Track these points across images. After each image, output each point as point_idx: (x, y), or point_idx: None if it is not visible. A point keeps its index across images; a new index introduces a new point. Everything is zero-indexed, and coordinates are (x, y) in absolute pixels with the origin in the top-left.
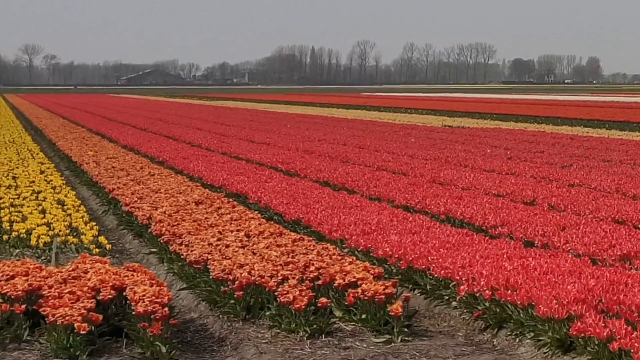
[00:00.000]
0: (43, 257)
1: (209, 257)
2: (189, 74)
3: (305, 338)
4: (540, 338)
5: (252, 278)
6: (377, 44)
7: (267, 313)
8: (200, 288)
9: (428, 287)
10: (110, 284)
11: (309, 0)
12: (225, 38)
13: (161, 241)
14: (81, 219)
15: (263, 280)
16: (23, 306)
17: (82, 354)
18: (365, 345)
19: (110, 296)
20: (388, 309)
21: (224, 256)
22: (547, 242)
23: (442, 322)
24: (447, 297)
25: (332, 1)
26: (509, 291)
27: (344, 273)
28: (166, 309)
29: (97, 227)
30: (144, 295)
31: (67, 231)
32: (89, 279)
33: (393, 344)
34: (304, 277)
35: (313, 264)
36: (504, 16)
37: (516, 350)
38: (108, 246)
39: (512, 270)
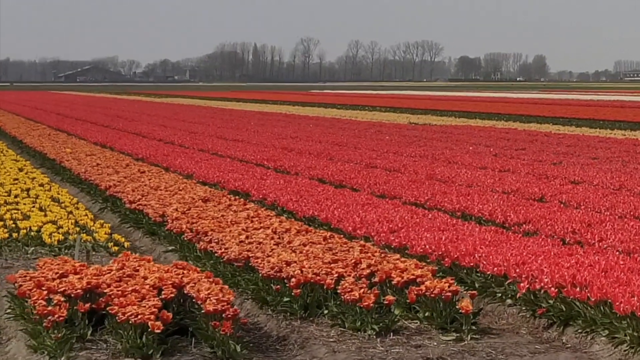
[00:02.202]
0: (62, 255)
1: (250, 254)
2: (129, 70)
3: (374, 336)
4: (616, 336)
5: (309, 276)
6: (321, 41)
7: (326, 311)
8: (242, 286)
9: (477, 285)
10: (170, 282)
11: None
12: (166, 35)
13: (184, 239)
14: (85, 217)
15: (319, 278)
16: (87, 305)
17: (155, 352)
18: (435, 344)
19: (172, 294)
20: (457, 307)
21: (265, 254)
22: (579, 239)
23: (500, 320)
24: (500, 295)
25: None
26: (578, 288)
27: (400, 270)
28: (235, 307)
29: (109, 225)
30: (209, 294)
31: (77, 229)
32: (144, 277)
33: (464, 342)
34: (359, 275)
35: (363, 262)
36: (451, 14)
37: (590, 348)
38: (126, 244)
39: (570, 267)
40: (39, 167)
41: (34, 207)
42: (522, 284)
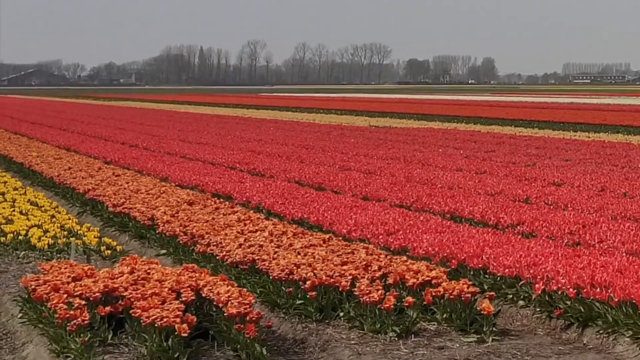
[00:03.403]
0: (54, 259)
1: (256, 257)
2: (74, 74)
3: (395, 338)
4: None
5: (324, 278)
6: (268, 43)
7: (341, 314)
8: (248, 289)
9: (486, 287)
10: (187, 284)
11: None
12: (111, 37)
13: (180, 242)
14: (69, 220)
15: (333, 280)
16: (107, 308)
17: (182, 356)
18: (457, 345)
19: (192, 297)
20: (478, 308)
21: (271, 256)
22: (578, 240)
23: (515, 322)
24: (511, 296)
25: (221, 0)
26: (598, 289)
27: (413, 272)
28: (258, 310)
29: (97, 229)
30: (229, 297)
31: (65, 232)
32: (159, 281)
33: (487, 344)
34: (372, 277)
35: (374, 264)
36: (399, 16)
37: (613, 349)
38: (119, 247)
39: (584, 268)
40: (6, 171)
41: (13, 211)
42: (537, 285)
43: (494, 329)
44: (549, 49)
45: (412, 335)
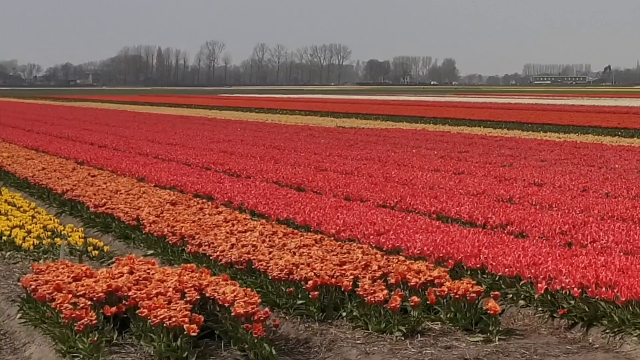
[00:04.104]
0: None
1: (252, 257)
2: (29, 75)
3: (402, 338)
4: None
5: (326, 278)
6: (226, 44)
7: (344, 313)
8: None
9: (484, 287)
10: (190, 284)
11: (155, 0)
12: (68, 38)
13: (169, 242)
14: (51, 221)
15: (335, 280)
16: (114, 308)
17: (190, 355)
18: (464, 345)
19: (197, 297)
20: (484, 308)
21: (267, 256)
22: (570, 240)
23: (517, 321)
24: (511, 296)
25: (179, 1)
26: (603, 288)
27: (414, 272)
28: (266, 309)
29: (82, 229)
30: (235, 297)
31: (49, 233)
32: (161, 281)
33: (494, 343)
34: (373, 277)
35: (373, 263)
36: (359, 17)
37: (620, 348)
38: (106, 248)
39: (586, 268)
40: None
41: None
42: (539, 285)
43: (500, 328)
44: (509, 50)
45: (418, 335)
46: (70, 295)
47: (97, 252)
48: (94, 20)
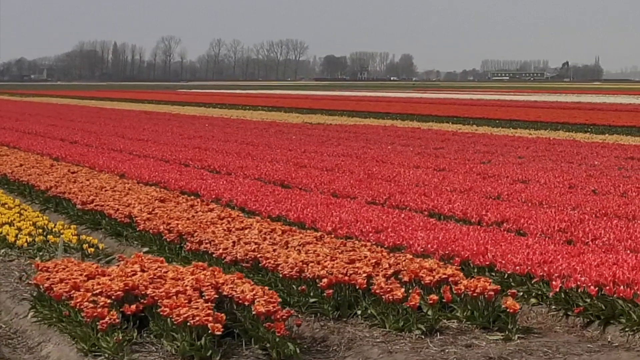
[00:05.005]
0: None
1: (258, 255)
2: None
3: (422, 337)
4: None
5: (339, 276)
6: (182, 39)
7: (359, 312)
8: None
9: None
10: (207, 283)
11: None
12: (22, 32)
13: (167, 239)
14: (38, 218)
15: (348, 278)
16: (133, 306)
17: (215, 354)
18: (485, 343)
19: (216, 296)
20: (503, 306)
21: (274, 254)
22: (570, 238)
23: (530, 319)
24: (522, 294)
25: None
26: (621, 287)
27: (427, 270)
28: (287, 308)
29: (75, 227)
30: (254, 295)
31: (40, 230)
32: (175, 279)
33: (514, 341)
34: (385, 275)
35: (383, 261)
36: (316, 13)
37: None
38: (101, 245)
39: (599, 265)
40: None
41: None
42: (554, 283)
43: (518, 326)
44: (467, 46)
45: (437, 334)
46: (89, 294)
47: (92, 249)
48: (48, 15)
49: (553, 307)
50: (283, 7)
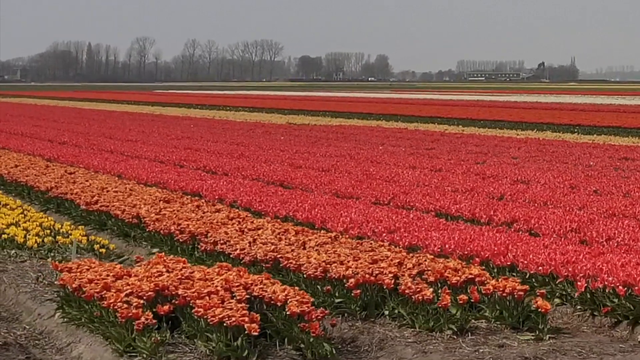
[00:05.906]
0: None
1: (278, 255)
2: None
3: (454, 337)
4: None
5: (366, 276)
6: (157, 40)
7: (386, 312)
8: None
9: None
10: (237, 283)
11: None
12: None
13: (179, 240)
14: (43, 219)
15: (374, 278)
16: (166, 307)
17: (251, 355)
18: (516, 344)
19: (247, 296)
20: (534, 306)
21: (294, 254)
22: (584, 238)
23: (555, 319)
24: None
25: None
26: None
27: (452, 270)
28: (322, 308)
29: (83, 227)
30: (286, 296)
31: (48, 231)
32: (202, 279)
33: (546, 341)
34: (411, 275)
35: (407, 261)
36: (290, 13)
37: None
38: (112, 246)
39: (624, 266)
40: None
41: None
42: (579, 283)
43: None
44: (443, 46)
45: (468, 334)
46: (122, 294)
47: (103, 250)
48: (22, 15)
49: (578, 307)
50: (258, 7)
